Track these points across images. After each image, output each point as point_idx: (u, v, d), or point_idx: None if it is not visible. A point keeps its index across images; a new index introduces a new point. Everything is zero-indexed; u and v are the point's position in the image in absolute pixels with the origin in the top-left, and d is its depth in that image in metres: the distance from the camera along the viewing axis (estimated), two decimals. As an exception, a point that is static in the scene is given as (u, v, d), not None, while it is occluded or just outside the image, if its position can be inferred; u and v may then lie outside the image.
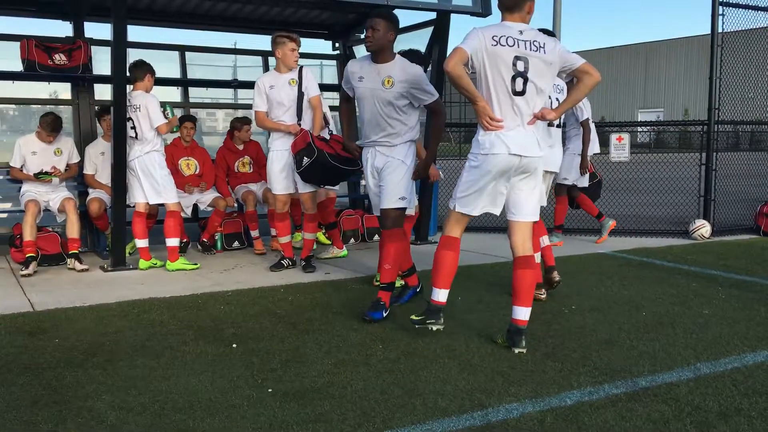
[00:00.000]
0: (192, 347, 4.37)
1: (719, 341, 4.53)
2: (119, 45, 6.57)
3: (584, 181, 8.15)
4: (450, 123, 15.82)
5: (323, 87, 7.90)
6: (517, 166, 4.24)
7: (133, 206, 6.96)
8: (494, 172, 4.23)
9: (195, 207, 7.99)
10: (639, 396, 3.61)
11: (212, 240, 7.90)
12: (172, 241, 6.85)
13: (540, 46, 4.18)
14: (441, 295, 4.49)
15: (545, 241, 5.89)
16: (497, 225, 8.55)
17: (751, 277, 6.44)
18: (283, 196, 6.73)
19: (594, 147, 8.04)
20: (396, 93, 5.05)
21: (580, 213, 9.64)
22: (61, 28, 8.48)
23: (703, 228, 8.56)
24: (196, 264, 6.91)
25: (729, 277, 6.45)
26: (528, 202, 4.37)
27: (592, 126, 7.99)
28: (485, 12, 7.41)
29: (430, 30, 8.16)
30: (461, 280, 5.85)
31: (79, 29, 8.20)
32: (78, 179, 7.63)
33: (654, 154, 17.48)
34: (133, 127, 6.74)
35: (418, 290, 5.63)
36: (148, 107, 6.67)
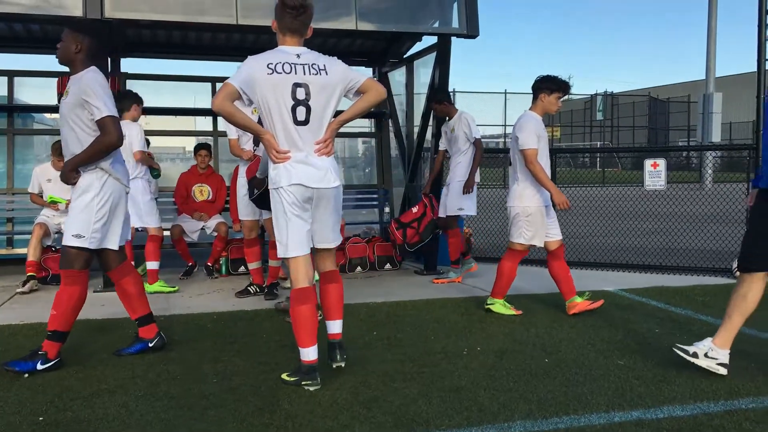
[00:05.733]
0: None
1: (584, 397, 3.96)
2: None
3: (472, 209, 7.48)
4: (618, 148, 15.15)
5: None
6: (308, 197, 4.06)
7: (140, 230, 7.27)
8: (289, 205, 4.04)
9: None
10: (393, 454, 3.24)
11: (217, 264, 8.08)
12: (152, 264, 7.11)
13: (320, 69, 4.00)
14: (311, 354, 4.12)
15: None
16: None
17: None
18: (249, 222, 6.77)
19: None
20: (69, 103, 4.41)
21: (598, 245, 8.91)
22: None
23: (747, 266, 7.50)
24: (174, 287, 7.10)
25: (714, 324, 5.61)
26: (329, 231, 4.27)
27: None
28: (471, 33, 7.08)
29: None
30: (387, 315, 5.59)
31: (115, 64, 8.79)
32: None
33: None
34: (120, 155, 7.09)
35: (151, 344, 4.87)
36: (131, 134, 6.99)
